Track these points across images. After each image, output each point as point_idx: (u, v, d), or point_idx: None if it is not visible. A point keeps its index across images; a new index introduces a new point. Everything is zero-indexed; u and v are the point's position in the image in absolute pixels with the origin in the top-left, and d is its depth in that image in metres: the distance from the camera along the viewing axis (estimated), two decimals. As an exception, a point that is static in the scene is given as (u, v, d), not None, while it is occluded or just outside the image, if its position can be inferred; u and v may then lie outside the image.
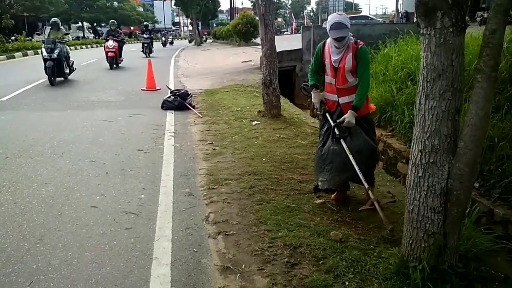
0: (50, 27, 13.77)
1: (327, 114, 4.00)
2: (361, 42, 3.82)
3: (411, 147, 2.74)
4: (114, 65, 16.59)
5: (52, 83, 11.74)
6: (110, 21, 19.05)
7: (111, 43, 16.41)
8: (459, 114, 2.56)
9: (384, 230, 3.46)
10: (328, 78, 3.95)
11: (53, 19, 13.13)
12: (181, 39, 52.16)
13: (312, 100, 4.15)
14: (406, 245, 2.84)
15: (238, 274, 2.96)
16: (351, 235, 3.46)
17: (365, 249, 3.22)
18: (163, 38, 41.55)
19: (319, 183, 3.94)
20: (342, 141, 3.81)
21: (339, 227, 3.61)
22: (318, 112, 4.16)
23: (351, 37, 3.77)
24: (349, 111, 3.77)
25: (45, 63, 11.67)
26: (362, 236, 3.48)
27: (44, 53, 11.73)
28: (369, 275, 2.86)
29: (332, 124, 3.90)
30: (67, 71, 12.74)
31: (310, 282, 2.81)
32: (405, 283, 2.70)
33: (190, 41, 46.48)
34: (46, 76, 11.73)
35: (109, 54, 16.35)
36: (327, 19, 3.93)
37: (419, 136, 2.64)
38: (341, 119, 3.81)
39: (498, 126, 4.54)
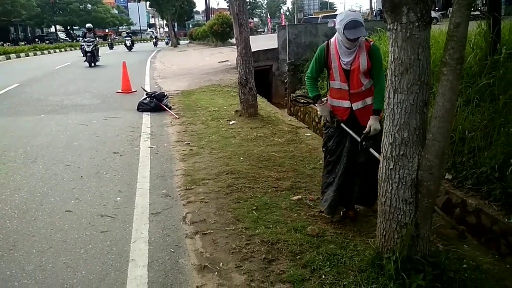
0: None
1: (343, 125, 3.55)
2: (371, 39, 3.54)
3: (382, 140, 2.79)
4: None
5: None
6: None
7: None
8: (427, 107, 2.61)
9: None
10: (337, 83, 3.55)
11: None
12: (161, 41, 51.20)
13: (319, 113, 3.75)
14: (380, 237, 2.89)
15: (216, 273, 2.96)
16: (327, 230, 3.50)
17: (341, 242, 3.27)
18: (154, 40, 43.06)
19: (326, 209, 3.68)
20: (371, 150, 3.34)
21: (315, 222, 3.65)
22: (329, 123, 3.66)
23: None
24: (372, 116, 3.38)
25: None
26: (339, 230, 3.52)
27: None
28: (345, 268, 2.91)
29: (359, 139, 3.41)
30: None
31: (287, 277, 2.84)
32: (380, 274, 2.75)
33: (155, 44, 44.42)
34: (18, 81, 11.75)
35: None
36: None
37: (389, 130, 2.69)
38: (367, 129, 3.36)
39: (469, 118, 4.65)
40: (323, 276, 2.83)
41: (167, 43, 46.82)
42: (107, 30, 66.63)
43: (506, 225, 3.48)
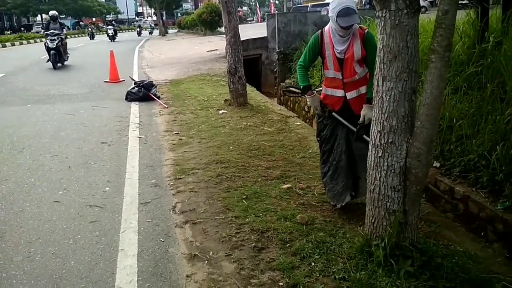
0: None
1: (335, 115, 3.54)
2: (365, 27, 3.48)
3: (371, 128, 2.79)
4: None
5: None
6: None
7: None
8: (415, 94, 2.62)
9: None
10: (331, 72, 3.51)
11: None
12: (145, 30, 50.00)
13: (309, 104, 3.76)
14: (368, 224, 2.91)
15: (206, 261, 2.96)
16: (317, 218, 3.52)
17: (331, 230, 3.28)
18: (138, 29, 41.20)
19: (338, 205, 3.63)
20: (365, 137, 3.31)
21: (305, 211, 3.66)
22: (320, 113, 3.67)
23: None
24: (365, 105, 3.36)
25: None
26: (328, 218, 3.54)
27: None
28: (335, 255, 2.92)
29: (354, 129, 3.43)
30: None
31: (277, 265, 2.85)
32: (369, 261, 2.77)
33: (139, 33, 41.86)
34: (4, 70, 11.41)
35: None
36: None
37: (377, 117, 2.70)
38: (361, 118, 3.36)
39: (457, 107, 4.68)
40: (313, 264, 2.85)
41: (150, 33, 45.31)
42: (94, 19, 65.64)
43: (493, 211, 3.52)
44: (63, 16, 58.30)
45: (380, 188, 2.76)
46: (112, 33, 32.38)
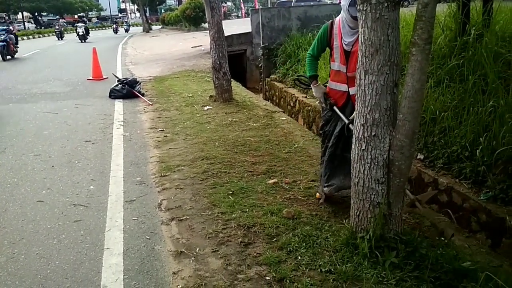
0: None
1: (336, 109, 3.49)
2: None
3: (354, 122, 2.81)
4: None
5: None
6: None
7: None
8: (397, 87, 2.64)
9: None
10: (336, 65, 3.44)
11: None
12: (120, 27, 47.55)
13: (314, 94, 3.69)
14: (354, 217, 2.93)
15: (192, 258, 2.96)
16: (303, 212, 3.53)
17: (317, 224, 3.31)
18: (114, 26, 37.62)
19: (326, 188, 3.62)
20: (351, 125, 3.28)
21: (291, 205, 3.68)
22: (323, 105, 3.63)
23: None
24: None
25: None
26: (314, 212, 3.56)
27: None
28: (321, 249, 2.95)
29: (347, 121, 3.38)
30: None
31: (264, 259, 2.86)
32: (354, 253, 2.80)
33: (115, 31, 38.47)
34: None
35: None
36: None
37: (360, 111, 2.71)
38: (355, 113, 3.10)
39: (440, 99, 4.73)
40: (299, 257, 2.86)
41: (126, 30, 41.99)
42: (75, 16, 64.62)
43: (476, 202, 3.58)
44: (44, 13, 57.37)
45: (364, 181, 2.78)
46: (82, 31, 26.48)
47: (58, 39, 29.60)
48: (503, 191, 3.43)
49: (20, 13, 54.63)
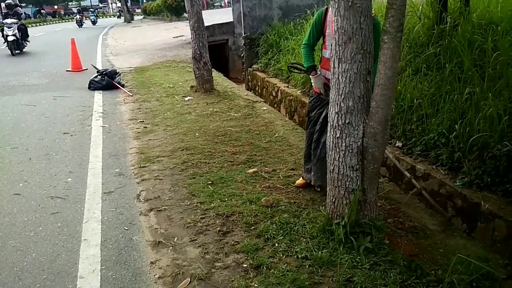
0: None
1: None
2: (373, 13, 3.11)
3: (329, 110, 2.83)
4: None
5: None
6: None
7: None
8: (370, 75, 2.67)
9: None
10: (328, 52, 3.32)
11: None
12: (109, 17, 45.63)
13: (313, 85, 3.59)
14: (329, 203, 2.97)
15: (171, 247, 2.97)
16: (281, 200, 3.56)
17: (295, 211, 3.34)
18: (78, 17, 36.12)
19: (313, 179, 3.65)
20: None
21: (270, 193, 3.70)
22: (324, 97, 3.50)
23: None
24: None
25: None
26: (292, 200, 3.59)
27: None
28: (298, 236, 2.98)
29: None
30: None
31: (241, 247, 2.89)
32: (330, 239, 2.84)
33: (79, 23, 35.98)
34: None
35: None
36: None
37: (335, 99, 2.74)
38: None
39: (418, 87, 4.78)
40: (276, 244, 2.89)
41: (93, 22, 39.06)
42: (56, 7, 63.32)
43: (452, 188, 3.64)
44: (24, 4, 56.01)
45: (339, 168, 2.81)
46: (13, 36, 17.48)
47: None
48: (478, 176, 3.49)
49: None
